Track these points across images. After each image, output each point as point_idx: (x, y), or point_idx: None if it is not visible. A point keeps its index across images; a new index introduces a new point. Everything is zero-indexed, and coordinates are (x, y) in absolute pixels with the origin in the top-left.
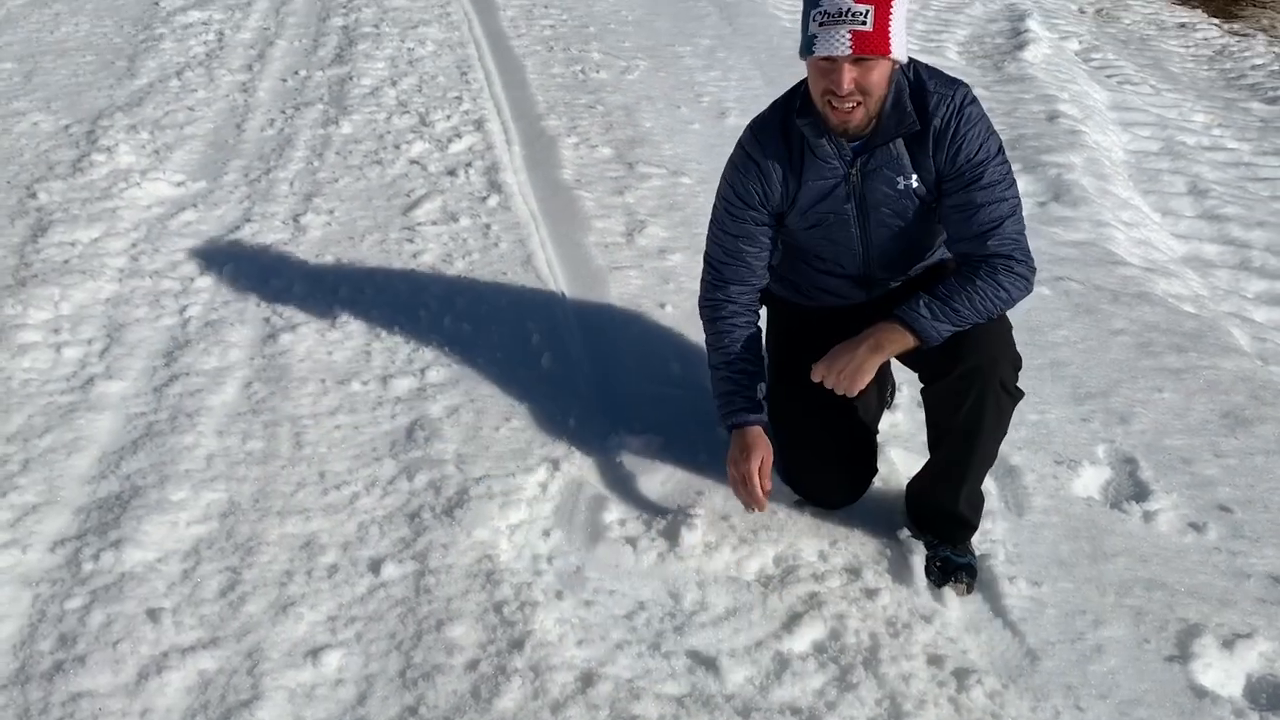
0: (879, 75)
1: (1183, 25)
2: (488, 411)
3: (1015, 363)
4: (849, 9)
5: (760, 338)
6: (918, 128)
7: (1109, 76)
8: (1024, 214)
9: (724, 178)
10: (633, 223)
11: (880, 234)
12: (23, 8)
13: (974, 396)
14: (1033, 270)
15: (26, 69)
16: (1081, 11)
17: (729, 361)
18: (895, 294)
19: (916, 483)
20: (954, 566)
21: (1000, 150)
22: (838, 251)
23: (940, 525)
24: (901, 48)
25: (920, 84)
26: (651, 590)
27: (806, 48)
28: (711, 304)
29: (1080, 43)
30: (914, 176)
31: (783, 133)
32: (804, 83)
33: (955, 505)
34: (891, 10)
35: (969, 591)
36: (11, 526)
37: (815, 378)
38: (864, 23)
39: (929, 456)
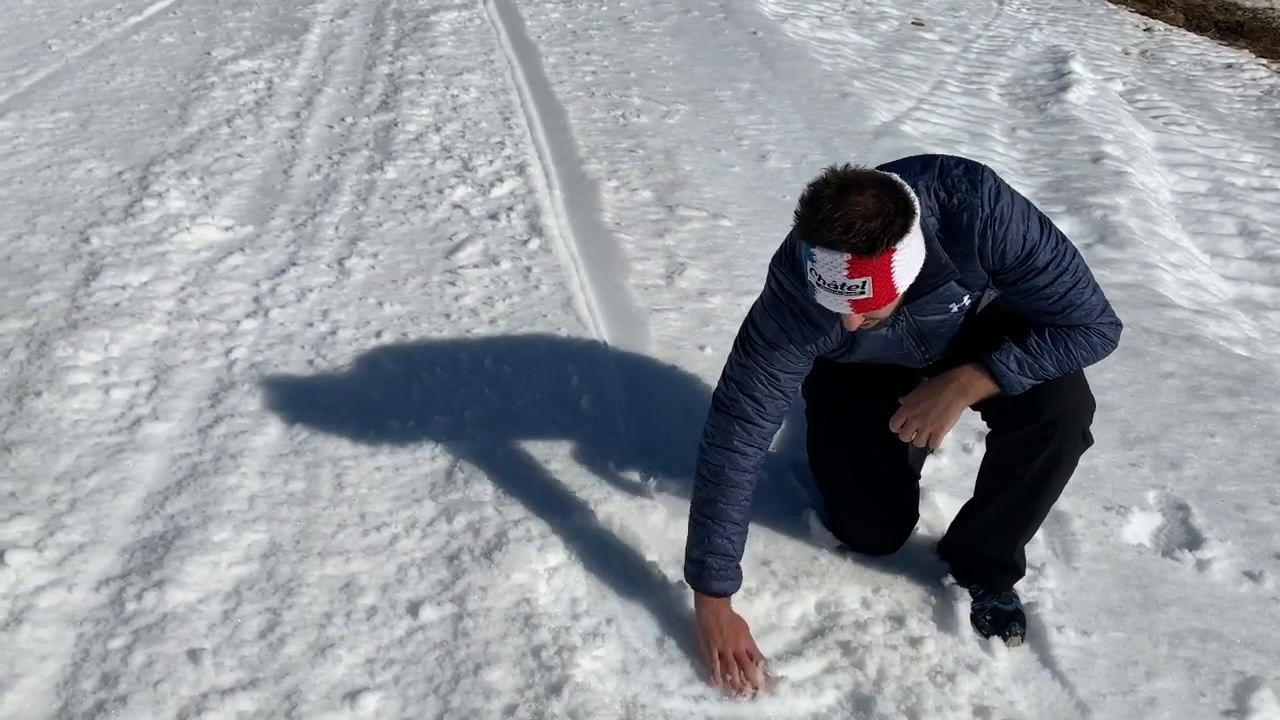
0: (890, 307)
1: (1230, 66)
2: (527, 454)
3: (1093, 405)
4: (844, 284)
5: (751, 497)
6: (958, 275)
7: (1155, 117)
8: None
9: (774, 325)
10: (673, 265)
11: (940, 344)
12: (81, 58)
13: (1053, 446)
14: (1119, 327)
15: (83, 117)
16: (1126, 53)
17: (730, 523)
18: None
19: (964, 531)
20: (1005, 617)
21: (1043, 227)
22: (899, 362)
23: (989, 575)
24: (912, 274)
25: (944, 212)
26: (691, 636)
27: (810, 290)
28: (717, 465)
29: (1125, 84)
30: (966, 296)
31: None
32: None
33: (1010, 555)
34: (893, 267)
35: (1023, 641)
36: (58, 565)
37: (894, 427)
38: (862, 292)
39: (980, 502)
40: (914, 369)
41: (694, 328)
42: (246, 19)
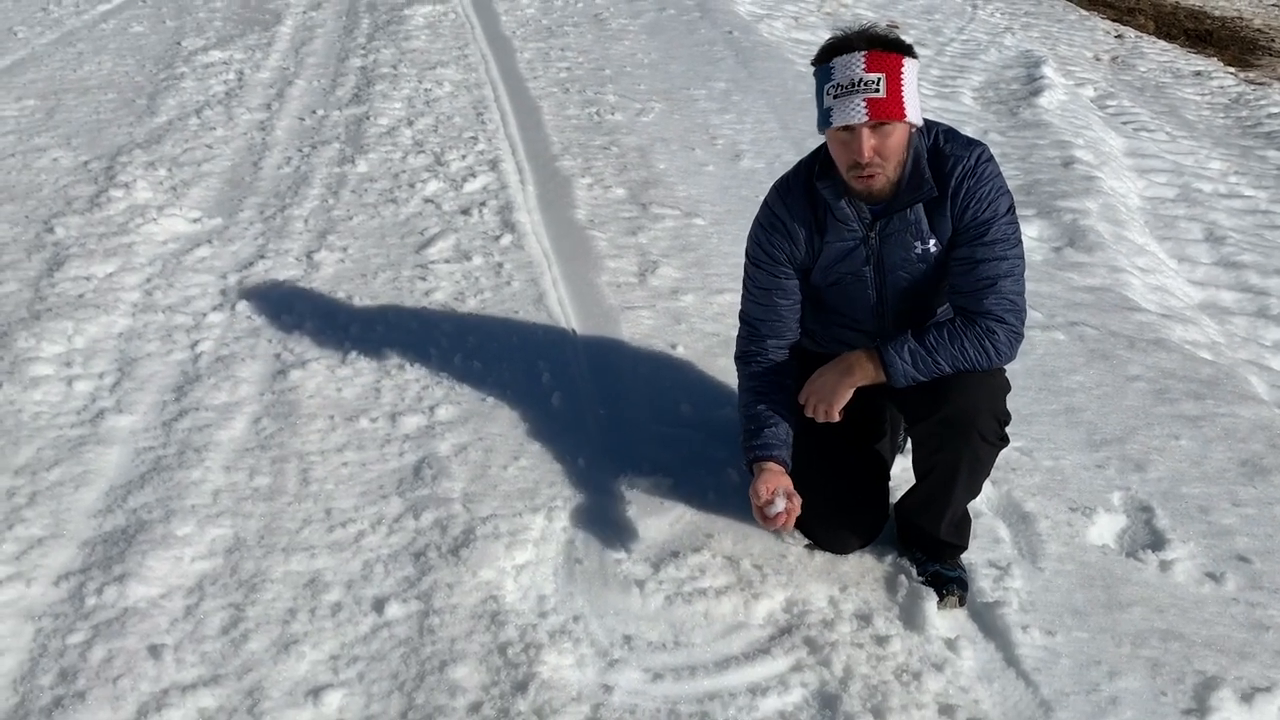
0: (896, 141)
1: (1198, 73)
2: (496, 450)
3: (999, 415)
4: (861, 78)
5: (792, 391)
6: (935, 194)
7: (1125, 123)
8: (1026, 274)
9: (751, 237)
10: (645, 263)
11: (896, 293)
12: (47, 46)
13: (953, 444)
14: (1020, 337)
15: (49, 106)
16: (1097, 59)
17: (756, 401)
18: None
19: (903, 505)
20: (944, 580)
21: (1010, 210)
22: (855, 308)
23: (927, 546)
24: (916, 112)
25: (937, 148)
26: (658, 633)
27: (824, 121)
28: (746, 357)
29: (1096, 89)
30: (931, 240)
31: (806, 193)
32: (824, 146)
33: (938, 532)
34: (903, 75)
35: (961, 605)
36: (16, 560)
37: (800, 399)
38: (877, 90)
39: (916, 481)
40: (869, 332)
41: (666, 326)
42: (217, 9)
